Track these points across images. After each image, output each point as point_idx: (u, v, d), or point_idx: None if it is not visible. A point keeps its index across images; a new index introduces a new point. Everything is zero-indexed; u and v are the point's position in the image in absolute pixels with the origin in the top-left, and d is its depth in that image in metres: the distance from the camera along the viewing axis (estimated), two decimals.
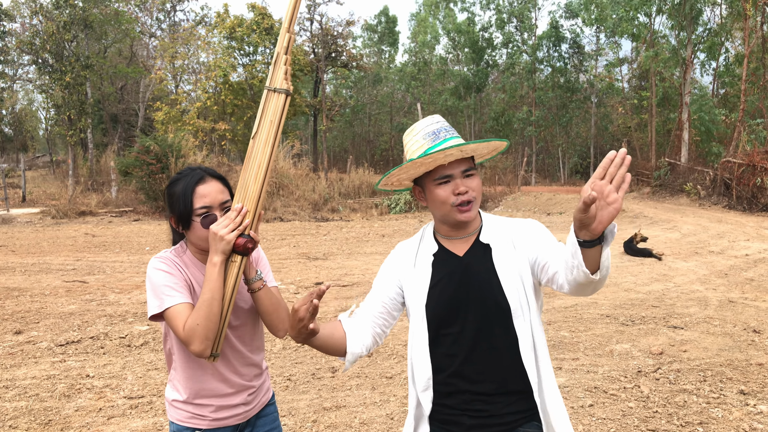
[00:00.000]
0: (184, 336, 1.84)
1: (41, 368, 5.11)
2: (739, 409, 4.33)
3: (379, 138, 53.05)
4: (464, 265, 1.90)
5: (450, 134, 1.89)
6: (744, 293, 8.17)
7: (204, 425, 2.02)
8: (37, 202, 21.64)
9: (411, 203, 20.54)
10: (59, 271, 9.42)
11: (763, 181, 18.62)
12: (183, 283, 1.93)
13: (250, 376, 2.11)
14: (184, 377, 2.02)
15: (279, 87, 1.99)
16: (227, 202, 1.97)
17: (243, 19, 28.63)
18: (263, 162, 1.95)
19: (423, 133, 1.89)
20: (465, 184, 1.86)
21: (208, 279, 1.84)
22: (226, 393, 2.04)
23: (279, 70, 1.99)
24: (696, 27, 27.96)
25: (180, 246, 2.04)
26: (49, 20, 24.21)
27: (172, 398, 2.05)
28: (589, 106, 40.78)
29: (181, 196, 1.93)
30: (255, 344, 2.14)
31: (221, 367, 2.03)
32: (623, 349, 5.70)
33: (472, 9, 44.37)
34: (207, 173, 1.98)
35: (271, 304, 2.01)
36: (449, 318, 1.89)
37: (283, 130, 15.07)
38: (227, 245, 1.85)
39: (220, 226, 1.86)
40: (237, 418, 2.08)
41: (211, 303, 1.83)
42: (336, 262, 10.50)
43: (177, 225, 1.98)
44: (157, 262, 1.94)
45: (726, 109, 31.08)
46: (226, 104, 28.34)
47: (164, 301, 1.88)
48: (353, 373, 5.07)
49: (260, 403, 2.16)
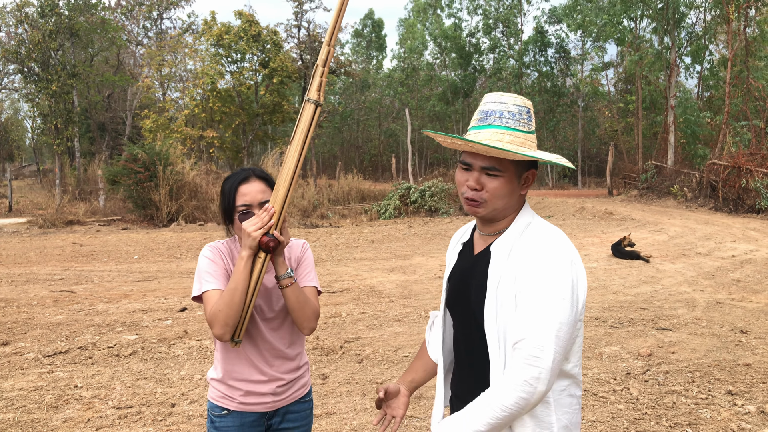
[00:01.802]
0: (208, 318, 2.02)
1: (28, 379, 5.06)
2: (727, 410, 4.37)
3: (368, 144, 53.11)
4: (472, 264, 1.84)
5: (502, 122, 1.69)
6: (731, 294, 8.24)
7: (233, 407, 2.18)
8: (24, 212, 21.47)
9: (400, 209, 20.55)
10: (46, 281, 9.34)
11: (749, 182, 18.80)
12: (222, 272, 2.12)
13: (281, 369, 2.22)
14: (220, 357, 2.20)
15: (311, 98, 2.11)
16: (267, 202, 2.13)
17: (230, 27, 28.58)
18: (291, 167, 2.09)
19: (481, 108, 1.76)
20: (480, 181, 1.71)
21: (235, 271, 2.01)
22: (255, 380, 2.18)
23: (315, 81, 2.11)
24: (680, 31, 28.25)
25: (234, 237, 2.24)
26: (35, 29, 24.06)
27: (211, 377, 2.24)
28: (576, 110, 41.07)
29: (226, 194, 2.14)
30: (288, 339, 2.25)
31: (252, 354, 2.17)
32: (612, 352, 5.73)
33: (459, 15, 44.61)
34: (253, 173, 2.17)
35: (298, 301, 2.11)
36: (452, 312, 1.92)
37: (272, 137, 15.18)
38: (254, 242, 2.00)
39: (250, 224, 2.02)
40: (265, 405, 2.20)
41: (234, 292, 1.99)
42: (326, 268, 10.49)
43: (223, 219, 2.19)
44: (206, 250, 2.16)
45: (711, 111, 31.40)
46: (214, 111, 28.26)
47: (203, 285, 2.08)
48: (343, 379, 5.06)
49: (291, 397, 2.27)
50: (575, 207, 20.95)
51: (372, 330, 6.58)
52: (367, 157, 51.17)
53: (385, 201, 21.26)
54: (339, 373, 5.23)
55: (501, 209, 1.74)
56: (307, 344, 5.99)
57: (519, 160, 1.70)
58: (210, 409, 2.21)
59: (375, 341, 6.14)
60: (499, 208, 1.73)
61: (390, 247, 13.21)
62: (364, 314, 7.25)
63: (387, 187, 26.53)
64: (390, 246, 13.34)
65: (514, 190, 1.73)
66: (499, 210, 1.74)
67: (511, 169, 1.70)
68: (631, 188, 27.03)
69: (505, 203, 1.72)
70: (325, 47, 2.09)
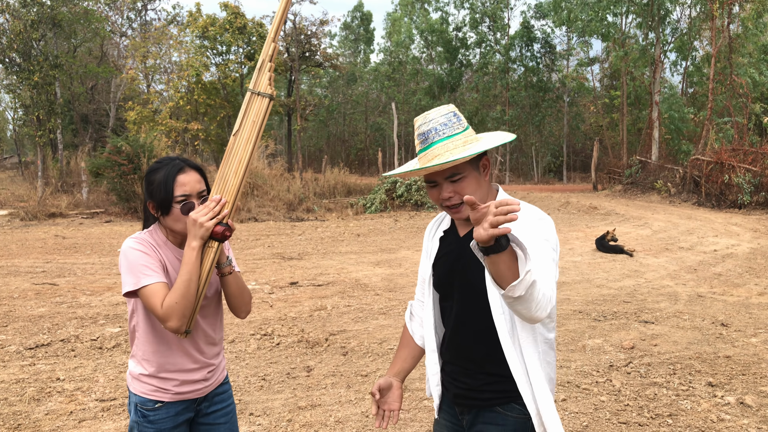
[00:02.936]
0: (162, 313, 1.97)
1: (10, 372, 5.01)
2: (708, 401, 4.42)
3: (354, 138, 52.98)
4: (461, 245, 2.00)
5: (439, 135, 1.89)
6: (712, 288, 8.34)
7: (167, 398, 2.16)
8: (5, 204, 21.19)
9: (386, 203, 20.55)
10: (28, 274, 9.24)
11: (731, 178, 19.01)
12: (158, 264, 2.07)
13: (210, 354, 2.26)
14: (151, 351, 2.15)
15: (263, 91, 2.14)
16: (204, 192, 2.11)
17: (215, 19, 28.34)
18: (244, 158, 2.10)
19: (417, 133, 1.94)
20: (450, 189, 1.90)
21: (186, 261, 1.99)
22: (189, 368, 2.19)
23: (264, 75, 2.15)
24: (665, 27, 28.43)
25: (154, 228, 2.18)
26: (16, 18, 23.69)
27: (138, 372, 2.17)
28: (562, 105, 41.22)
29: (162, 184, 2.06)
30: (217, 324, 2.29)
31: (186, 343, 2.17)
32: (595, 344, 5.78)
33: (446, 9, 44.56)
34: (186, 164, 2.12)
35: (238, 287, 2.18)
36: (445, 291, 2.06)
37: None
38: (206, 232, 2.00)
39: (200, 213, 2.00)
40: (197, 392, 2.22)
41: (189, 283, 1.98)
42: (311, 261, 10.47)
43: (156, 210, 2.11)
44: (133, 242, 2.08)
45: (695, 107, 31.67)
46: (199, 104, 28.04)
47: (141, 280, 2.01)
48: (328, 371, 5.07)
49: (217, 380, 2.31)
50: (560, 202, 21.07)
51: (357, 323, 6.58)
52: (354, 151, 51.06)
53: (371, 195, 21.23)
54: (324, 365, 5.23)
55: (479, 201, 1.90)
56: (292, 336, 5.99)
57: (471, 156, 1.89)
58: (140, 404, 2.15)
59: (360, 334, 6.15)
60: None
61: (376, 240, 13.22)
62: (350, 307, 7.25)
63: (373, 181, 26.50)
64: (376, 239, 13.34)
65: (480, 181, 1.93)
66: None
67: (468, 167, 1.90)
68: (616, 183, 27.22)
69: (479, 196, 1.92)
70: (270, 43, 2.16)
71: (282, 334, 6.08)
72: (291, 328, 6.29)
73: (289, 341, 5.88)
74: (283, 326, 6.36)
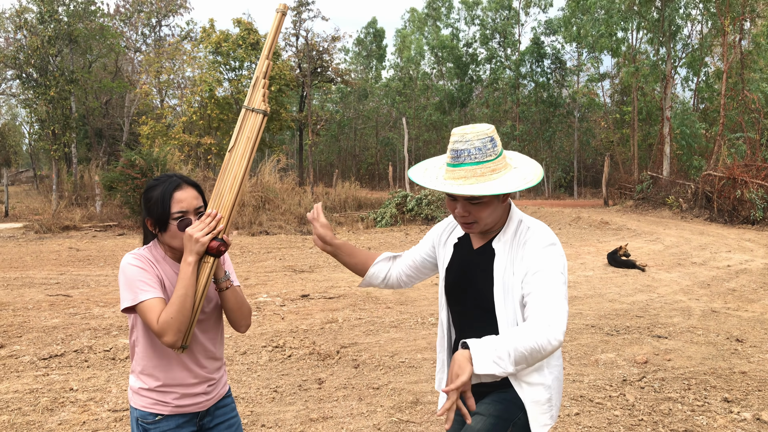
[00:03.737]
0: (158, 328, 1.98)
1: (24, 382, 5.05)
2: (724, 417, 4.38)
3: (365, 152, 53.22)
4: (474, 258, 2.11)
5: (471, 159, 1.93)
6: (726, 303, 8.27)
7: (166, 411, 2.16)
8: (20, 217, 21.42)
9: (397, 217, 20.57)
10: (42, 285, 9.32)
11: (744, 194, 18.88)
12: (156, 279, 2.08)
13: (211, 369, 2.26)
14: (151, 366, 2.16)
15: (257, 107, 2.16)
16: (201, 208, 2.14)
17: (229, 34, 28.68)
18: (239, 174, 2.13)
19: (451, 147, 1.98)
20: (466, 209, 1.98)
21: (182, 277, 2.00)
22: (189, 383, 2.19)
23: (258, 92, 2.18)
24: (676, 43, 28.44)
25: (153, 244, 2.21)
26: (34, 35, 24.08)
27: (138, 386, 2.18)
28: (572, 121, 41.23)
29: (159, 201, 2.08)
30: (217, 339, 2.30)
31: (185, 358, 2.18)
32: (608, 359, 5.74)
33: (456, 25, 44.83)
34: (183, 180, 2.14)
35: (237, 302, 2.19)
36: (455, 298, 2.16)
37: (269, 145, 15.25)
38: (201, 247, 2.01)
39: (196, 229, 2.02)
40: (197, 406, 2.23)
41: (185, 299, 1.98)
42: (322, 274, 10.49)
43: (153, 227, 2.13)
44: (131, 258, 2.09)
45: (706, 123, 31.57)
46: (211, 119, 28.29)
47: (138, 295, 2.02)
48: (340, 384, 5.06)
49: (219, 394, 2.32)
50: (571, 217, 21.01)
51: (368, 336, 6.58)
52: (364, 166, 51.27)
53: (381, 209, 21.26)
54: (335, 377, 5.23)
55: (492, 223, 2.03)
56: (304, 349, 6.00)
57: None
58: (141, 418, 2.16)
59: (371, 347, 6.14)
60: (490, 223, 2.02)
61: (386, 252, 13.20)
62: (361, 320, 7.25)
63: (384, 196, 26.55)
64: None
65: (497, 206, 2.00)
66: (490, 224, 2.03)
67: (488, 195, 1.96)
68: (627, 198, 27.11)
69: (494, 219, 2.01)
70: (264, 59, 2.20)
71: (293, 347, 6.09)
72: (302, 341, 6.29)
73: (300, 353, 5.88)
74: (295, 338, 6.36)
